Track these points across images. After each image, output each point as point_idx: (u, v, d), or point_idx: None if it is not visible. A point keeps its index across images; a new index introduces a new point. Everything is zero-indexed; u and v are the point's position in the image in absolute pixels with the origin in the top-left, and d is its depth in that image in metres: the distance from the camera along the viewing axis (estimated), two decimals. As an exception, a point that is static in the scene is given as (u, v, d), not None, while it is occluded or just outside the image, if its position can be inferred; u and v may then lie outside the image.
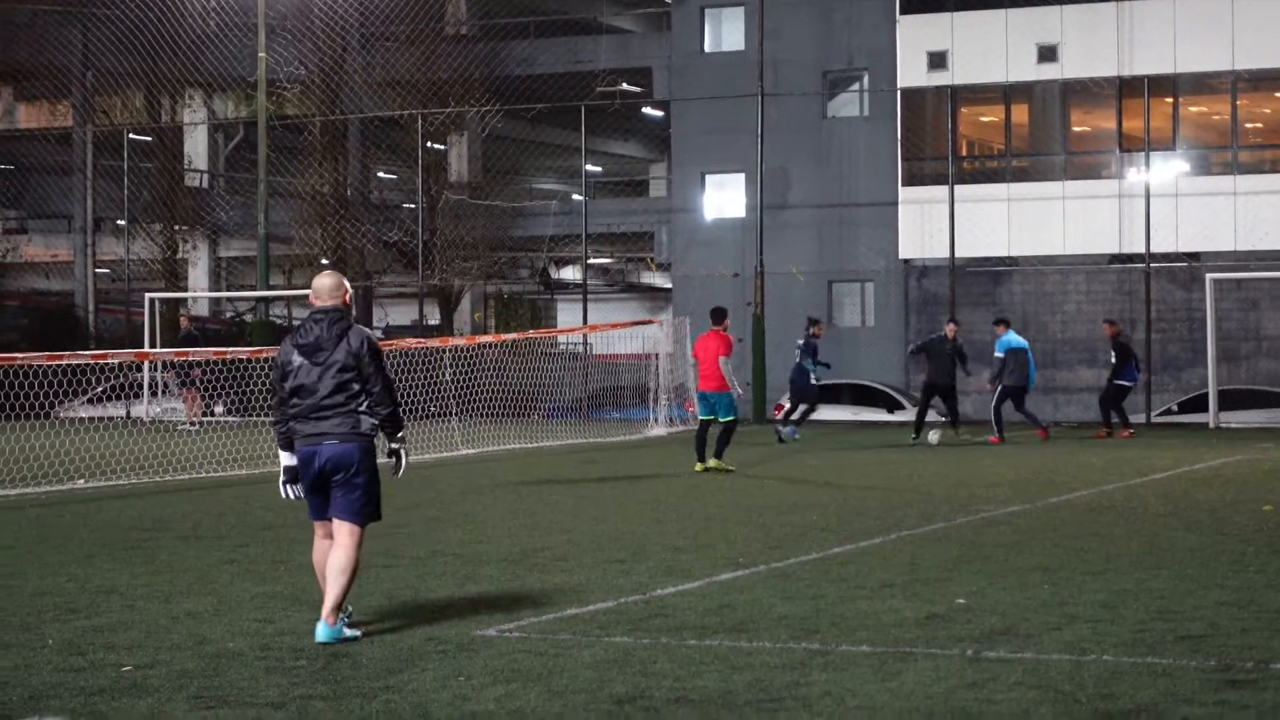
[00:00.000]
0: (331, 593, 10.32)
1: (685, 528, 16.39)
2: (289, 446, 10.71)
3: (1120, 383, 32.37)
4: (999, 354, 31.13)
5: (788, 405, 33.57)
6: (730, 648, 9.96)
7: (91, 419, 32.97)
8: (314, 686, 9.00)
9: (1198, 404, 37.75)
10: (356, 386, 10.51)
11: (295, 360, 10.57)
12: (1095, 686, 8.78)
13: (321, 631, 10.24)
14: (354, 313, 10.80)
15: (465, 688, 8.92)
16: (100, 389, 39.67)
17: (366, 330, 10.67)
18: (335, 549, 10.49)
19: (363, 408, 10.53)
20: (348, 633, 10.33)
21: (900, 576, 12.78)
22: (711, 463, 23.94)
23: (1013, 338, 31.48)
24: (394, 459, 10.81)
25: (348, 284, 10.82)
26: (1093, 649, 9.78)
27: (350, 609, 10.58)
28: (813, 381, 32.64)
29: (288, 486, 10.92)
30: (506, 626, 10.75)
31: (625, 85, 55.55)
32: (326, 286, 10.70)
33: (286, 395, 10.60)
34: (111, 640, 10.34)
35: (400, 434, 10.70)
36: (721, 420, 24.04)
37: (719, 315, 24.81)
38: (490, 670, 9.35)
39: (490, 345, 35.20)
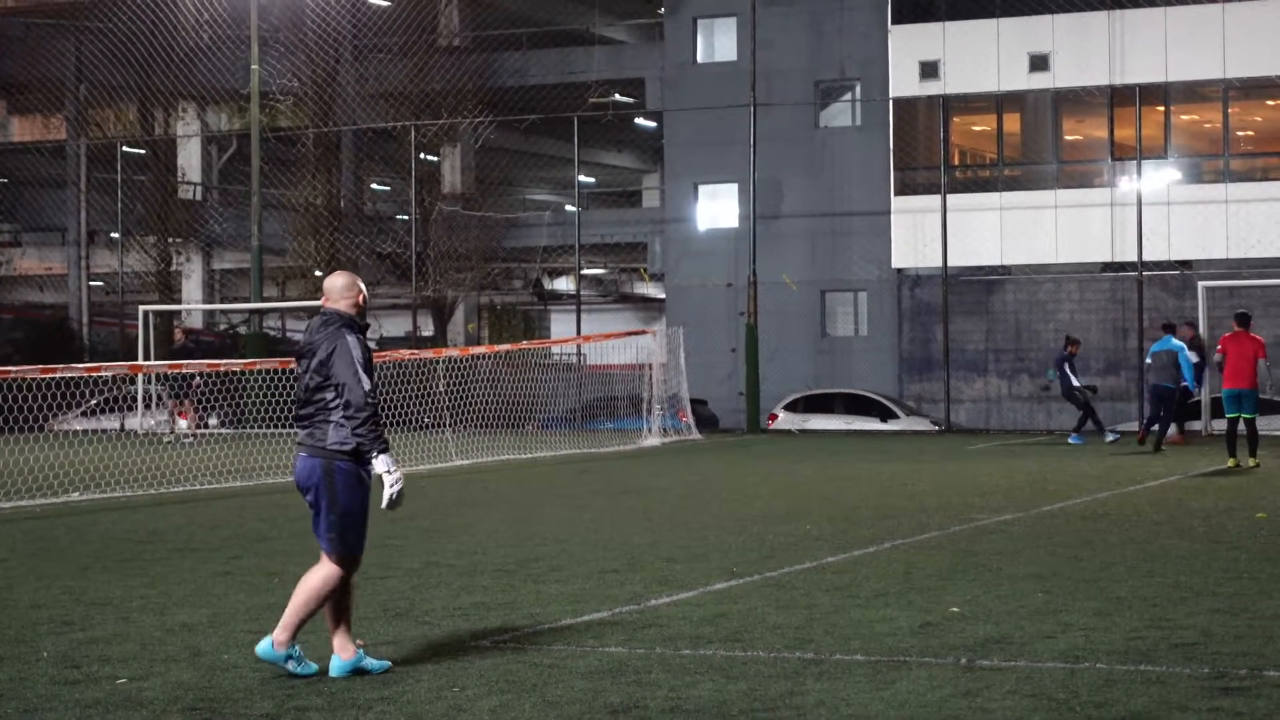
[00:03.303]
0: (288, 609, 9.55)
1: (679, 538, 16.40)
2: None
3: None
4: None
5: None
6: (725, 657, 9.97)
7: (85, 432, 32.97)
8: (308, 698, 9.01)
9: (1191, 412, 37.77)
10: (329, 396, 9.53)
11: (300, 364, 9.82)
12: (1089, 694, 8.79)
13: (262, 646, 9.55)
14: (365, 318, 9.90)
15: (460, 698, 8.93)
16: (94, 402, 39.65)
17: (350, 336, 9.62)
18: (312, 568, 9.69)
19: (335, 417, 9.53)
20: (294, 667, 9.49)
21: (894, 585, 12.80)
22: (1250, 461, 25.07)
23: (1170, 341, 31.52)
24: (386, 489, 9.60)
25: (362, 286, 9.90)
26: (1086, 657, 9.80)
27: (300, 651, 9.61)
28: (1075, 385, 33.18)
29: None
30: (501, 637, 10.75)
31: (618, 96, 55.65)
32: (336, 287, 9.82)
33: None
34: (106, 653, 10.34)
35: (379, 454, 9.50)
36: (1246, 417, 25.10)
37: (1245, 319, 25.74)
38: (485, 681, 9.36)
39: (484, 356, 35.20)
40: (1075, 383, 33.05)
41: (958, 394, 44.36)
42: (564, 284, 65.26)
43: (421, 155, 50.12)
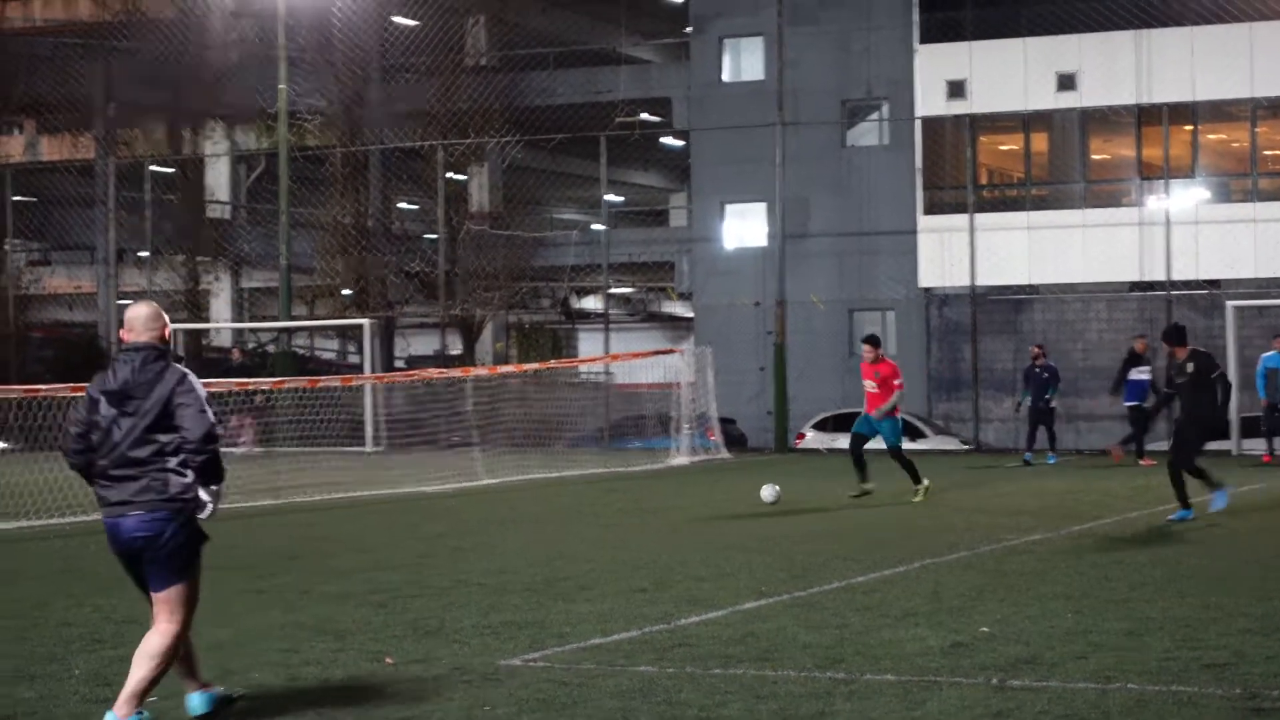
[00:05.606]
0: (134, 677, 8.70)
1: (708, 557, 16.38)
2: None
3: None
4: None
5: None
6: (755, 677, 9.96)
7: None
8: (339, 717, 9.02)
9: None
10: (165, 439, 8.77)
11: (103, 410, 8.87)
12: (1120, 715, 8.77)
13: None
14: (173, 348, 9.22)
15: (490, 717, 8.94)
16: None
17: (185, 369, 8.99)
18: (153, 630, 8.82)
19: (173, 463, 8.79)
20: None
21: (924, 605, 12.78)
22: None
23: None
24: (204, 504, 8.86)
25: (166, 317, 9.19)
26: (1117, 677, 9.77)
27: (147, 713, 8.82)
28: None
29: None
30: (531, 656, 10.76)
31: (645, 115, 55.68)
32: (141, 317, 9.06)
33: (86, 447, 8.92)
34: (137, 671, 10.34)
35: (216, 487, 8.87)
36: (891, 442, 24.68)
37: (875, 340, 24.43)
38: (515, 700, 9.36)
39: (512, 375, 35.25)
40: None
41: (986, 413, 44.22)
42: (592, 303, 65.27)
43: (449, 174, 50.21)
